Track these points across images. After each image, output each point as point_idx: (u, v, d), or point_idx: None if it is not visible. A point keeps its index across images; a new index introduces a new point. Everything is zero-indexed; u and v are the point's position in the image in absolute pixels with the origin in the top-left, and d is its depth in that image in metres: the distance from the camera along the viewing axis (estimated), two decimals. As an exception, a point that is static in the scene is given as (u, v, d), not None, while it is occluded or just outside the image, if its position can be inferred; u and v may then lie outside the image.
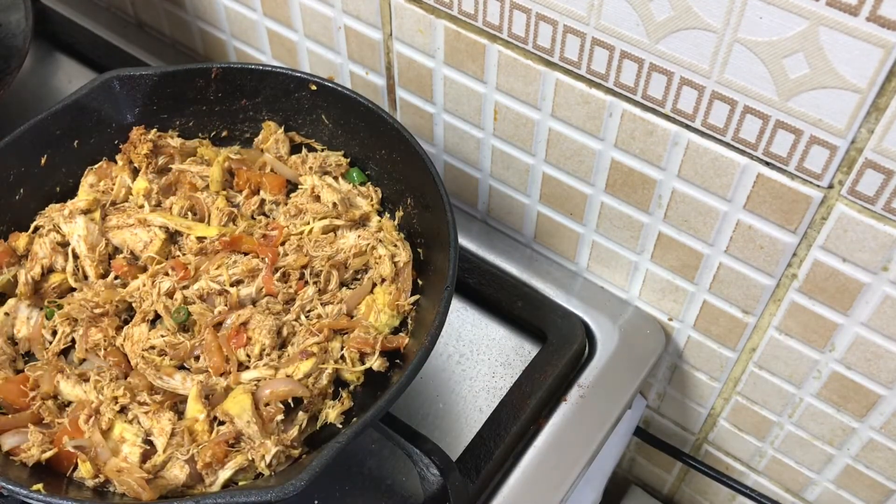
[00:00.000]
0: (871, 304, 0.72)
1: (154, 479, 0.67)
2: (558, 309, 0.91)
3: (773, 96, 0.64)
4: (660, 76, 0.70)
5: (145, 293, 0.77)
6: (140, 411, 0.70)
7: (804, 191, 0.68)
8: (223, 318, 0.75)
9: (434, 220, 0.78)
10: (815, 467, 0.92)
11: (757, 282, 0.78)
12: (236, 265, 0.78)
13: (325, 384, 0.72)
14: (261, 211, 0.86)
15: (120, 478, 0.66)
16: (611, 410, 0.85)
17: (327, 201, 0.83)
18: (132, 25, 1.23)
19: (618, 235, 0.87)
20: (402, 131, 0.81)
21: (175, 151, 0.88)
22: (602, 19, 0.70)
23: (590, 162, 0.82)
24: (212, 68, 0.87)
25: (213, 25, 1.10)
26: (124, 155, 0.87)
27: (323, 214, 0.82)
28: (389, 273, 0.79)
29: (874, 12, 0.56)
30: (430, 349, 0.67)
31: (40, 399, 0.71)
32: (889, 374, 0.75)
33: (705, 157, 0.73)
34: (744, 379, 0.89)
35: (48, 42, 1.18)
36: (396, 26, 0.87)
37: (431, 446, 0.73)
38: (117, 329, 0.77)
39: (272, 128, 0.89)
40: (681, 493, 1.18)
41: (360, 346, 0.73)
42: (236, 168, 0.87)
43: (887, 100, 0.59)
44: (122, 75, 0.87)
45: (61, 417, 0.70)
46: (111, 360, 0.74)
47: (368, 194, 0.86)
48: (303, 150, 0.89)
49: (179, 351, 0.73)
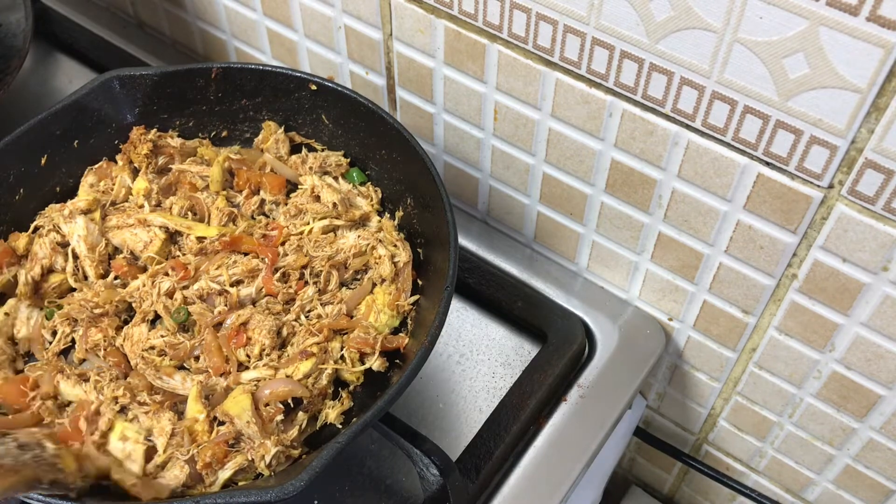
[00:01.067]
0: (871, 304, 0.72)
1: (154, 479, 0.67)
2: (558, 309, 0.91)
3: (773, 96, 0.64)
4: (660, 76, 0.70)
5: (145, 293, 0.77)
6: (140, 411, 0.70)
7: (804, 191, 0.68)
8: (223, 318, 0.75)
9: (434, 220, 0.78)
10: (816, 467, 0.92)
11: (757, 282, 0.78)
12: (236, 265, 0.78)
13: (325, 384, 0.72)
14: (261, 211, 0.86)
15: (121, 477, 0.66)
16: (611, 410, 0.85)
17: (327, 201, 0.83)
18: (132, 25, 1.23)
19: (618, 235, 0.87)
20: (402, 131, 0.81)
21: (175, 151, 0.88)
22: (602, 19, 0.70)
23: (590, 162, 0.82)
24: (212, 68, 0.87)
25: (213, 25, 1.10)
26: (124, 155, 0.87)
27: (323, 214, 0.82)
28: (389, 273, 0.79)
29: (874, 12, 0.56)
30: (430, 349, 0.67)
31: (40, 399, 0.71)
32: (889, 374, 0.75)
33: (705, 157, 0.72)
34: (744, 379, 0.89)
35: (48, 42, 1.18)
36: (396, 26, 0.87)
37: (431, 446, 0.73)
38: (117, 329, 0.77)
39: (272, 128, 0.89)
40: (681, 493, 1.18)
41: (360, 346, 0.73)
42: (236, 168, 0.87)
43: (887, 100, 0.59)
44: (122, 75, 0.87)
45: (61, 418, 0.70)
46: (111, 360, 0.74)
47: (368, 194, 0.86)
48: (303, 150, 0.89)
49: (179, 351, 0.73)
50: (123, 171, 0.86)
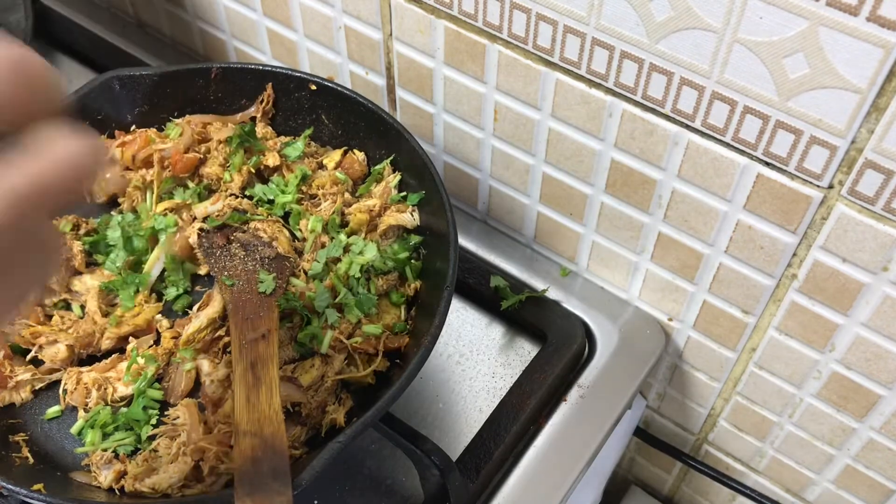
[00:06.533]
0: (871, 305, 0.72)
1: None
2: (558, 309, 0.91)
3: (773, 96, 0.64)
4: (660, 76, 0.70)
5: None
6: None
7: (804, 191, 0.68)
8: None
9: (434, 220, 0.78)
10: (815, 467, 0.92)
11: (757, 282, 0.78)
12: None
13: (325, 396, 0.72)
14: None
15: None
16: (611, 410, 0.85)
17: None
18: (132, 25, 1.23)
19: (618, 235, 0.87)
20: (402, 131, 0.81)
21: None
22: (602, 19, 0.70)
23: (590, 162, 0.82)
24: (212, 68, 0.88)
25: (213, 25, 1.10)
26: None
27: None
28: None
29: (874, 12, 0.56)
30: (430, 349, 0.67)
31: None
32: (889, 374, 0.75)
33: (705, 157, 0.73)
34: (744, 379, 0.89)
35: (48, 42, 1.18)
36: (396, 26, 0.87)
37: (431, 446, 0.73)
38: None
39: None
40: (681, 493, 1.18)
41: (363, 347, 0.73)
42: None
43: (887, 100, 0.59)
44: (122, 75, 0.87)
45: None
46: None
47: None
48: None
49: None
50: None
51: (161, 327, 0.77)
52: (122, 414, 0.71)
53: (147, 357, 0.74)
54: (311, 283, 0.76)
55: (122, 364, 0.74)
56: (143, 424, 0.71)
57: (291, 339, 0.74)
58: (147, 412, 0.71)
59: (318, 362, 0.73)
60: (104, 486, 0.68)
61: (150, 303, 0.78)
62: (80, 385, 0.73)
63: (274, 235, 0.79)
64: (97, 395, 0.72)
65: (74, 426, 0.72)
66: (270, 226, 0.80)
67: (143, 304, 0.78)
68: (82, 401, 0.72)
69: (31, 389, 0.74)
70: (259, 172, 0.86)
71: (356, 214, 0.80)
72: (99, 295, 0.78)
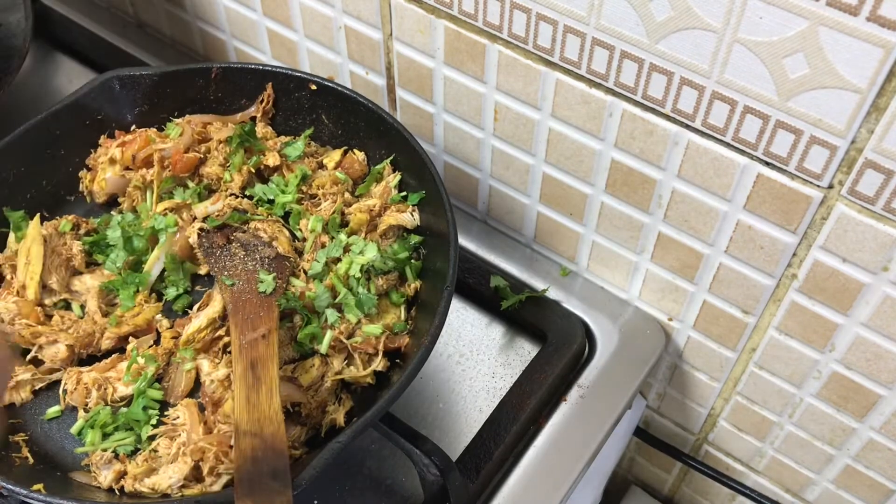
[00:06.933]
0: (871, 305, 0.72)
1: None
2: (558, 309, 0.91)
3: (773, 96, 0.64)
4: (660, 76, 0.70)
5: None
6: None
7: (804, 191, 0.68)
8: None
9: (434, 220, 0.78)
10: (815, 467, 0.92)
11: (757, 282, 0.78)
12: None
13: (325, 396, 0.72)
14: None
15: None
16: (611, 410, 0.85)
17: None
18: (132, 25, 1.23)
19: (618, 235, 0.87)
20: (402, 131, 0.81)
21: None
22: (602, 19, 0.70)
23: (590, 162, 0.82)
24: (212, 68, 0.88)
25: (213, 25, 1.10)
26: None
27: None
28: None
29: (874, 12, 0.56)
30: (430, 349, 0.67)
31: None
32: (889, 374, 0.75)
33: (705, 157, 0.72)
34: (744, 379, 0.89)
35: (48, 42, 1.18)
36: (396, 26, 0.87)
37: (431, 446, 0.73)
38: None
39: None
40: (681, 493, 1.18)
41: (364, 347, 0.73)
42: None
43: (887, 100, 0.59)
44: (122, 75, 0.87)
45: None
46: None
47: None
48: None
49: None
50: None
51: (161, 327, 0.77)
52: (122, 414, 0.71)
53: (147, 357, 0.74)
54: (311, 283, 0.76)
55: (122, 364, 0.74)
56: (143, 424, 0.71)
57: (291, 339, 0.74)
58: (147, 412, 0.71)
59: (318, 362, 0.73)
60: (104, 486, 0.68)
61: (150, 303, 0.78)
62: (80, 385, 0.73)
63: (274, 235, 0.79)
64: (97, 395, 0.72)
65: (74, 426, 0.72)
66: (270, 226, 0.80)
67: (143, 303, 0.78)
68: (82, 401, 0.72)
69: (31, 389, 0.74)
70: (259, 172, 0.86)
71: (356, 214, 0.80)
72: (99, 295, 0.78)
